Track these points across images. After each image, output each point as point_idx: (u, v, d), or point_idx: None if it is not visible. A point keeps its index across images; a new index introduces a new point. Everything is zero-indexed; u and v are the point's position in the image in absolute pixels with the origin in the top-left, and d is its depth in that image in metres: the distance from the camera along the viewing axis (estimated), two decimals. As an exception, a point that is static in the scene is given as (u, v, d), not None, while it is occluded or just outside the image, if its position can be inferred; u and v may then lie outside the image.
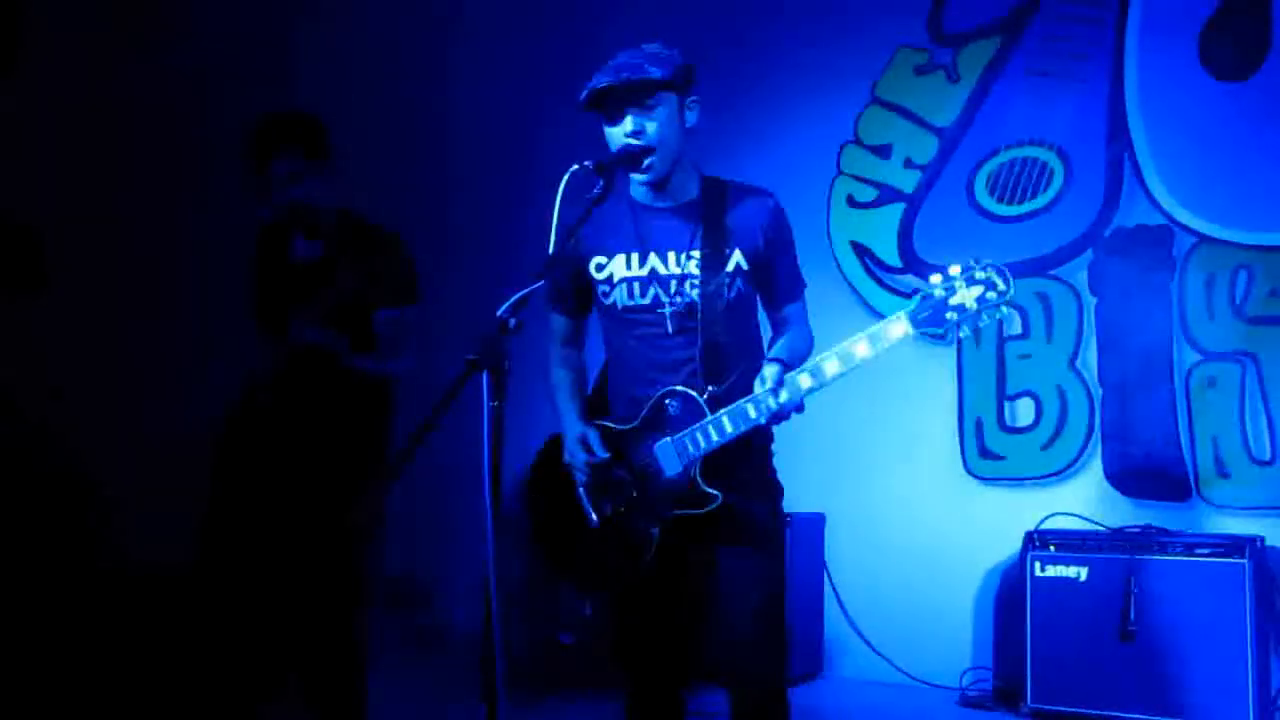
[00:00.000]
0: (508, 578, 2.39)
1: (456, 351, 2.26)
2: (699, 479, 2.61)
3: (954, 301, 2.40)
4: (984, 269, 2.40)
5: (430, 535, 5.53)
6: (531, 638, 4.89)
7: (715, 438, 2.60)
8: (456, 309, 4.30)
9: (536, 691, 4.37)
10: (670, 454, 2.64)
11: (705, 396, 2.63)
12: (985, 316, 2.42)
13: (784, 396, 2.54)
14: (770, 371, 2.55)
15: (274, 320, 3.56)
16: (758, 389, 2.56)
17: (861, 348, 2.49)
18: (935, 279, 2.43)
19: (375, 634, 4.38)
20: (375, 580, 5.02)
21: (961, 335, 2.45)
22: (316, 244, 3.55)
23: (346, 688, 3.62)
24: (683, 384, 2.66)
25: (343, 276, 3.43)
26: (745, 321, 2.76)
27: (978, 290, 2.39)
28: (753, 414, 2.56)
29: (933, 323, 2.42)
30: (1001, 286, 2.39)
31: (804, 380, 2.54)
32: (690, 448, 2.62)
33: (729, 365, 2.66)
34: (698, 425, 2.61)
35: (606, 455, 2.70)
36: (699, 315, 2.68)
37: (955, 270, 2.42)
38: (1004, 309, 2.40)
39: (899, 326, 2.45)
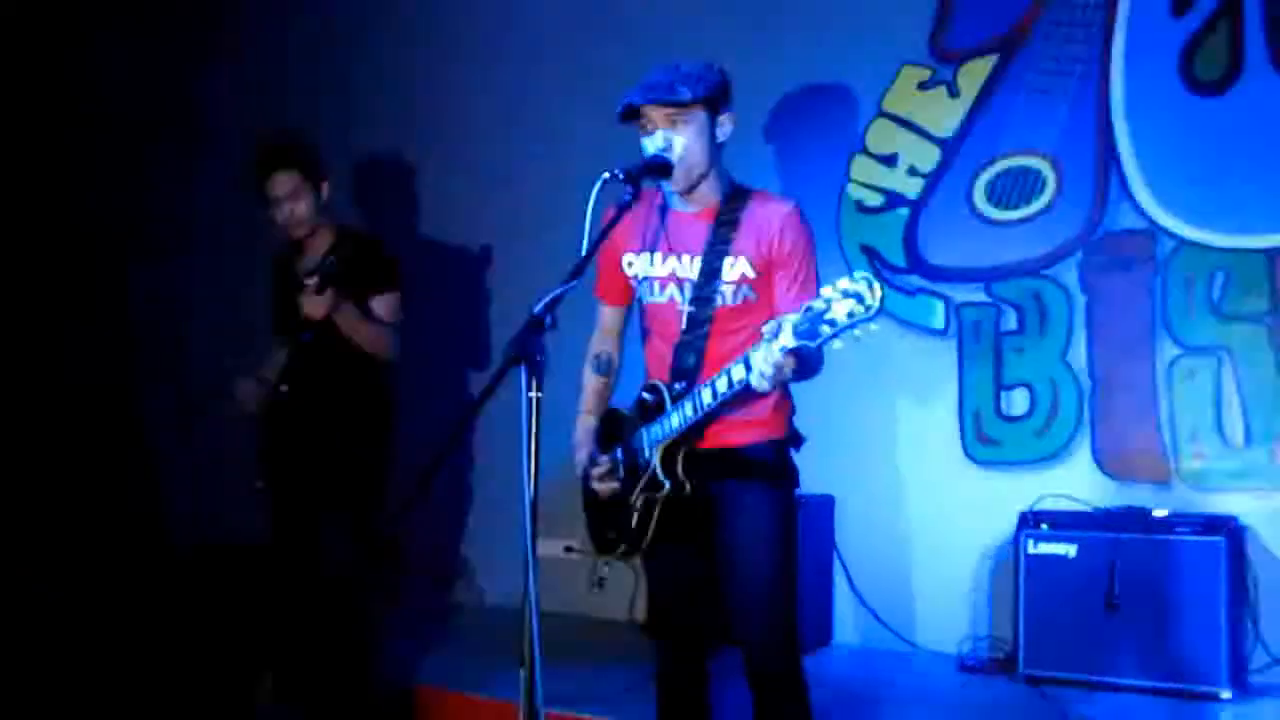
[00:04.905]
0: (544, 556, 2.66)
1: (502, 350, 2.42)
2: (657, 466, 2.75)
3: (829, 316, 2.32)
4: (856, 281, 2.31)
5: (473, 516, 5.77)
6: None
7: (670, 426, 2.72)
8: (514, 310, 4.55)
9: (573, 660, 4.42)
10: (644, 441, 2.81)
11: (672, 391, 2.76)
12: (857, 330, 2.33)
13: (721, 384, 2.57)
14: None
15: (289, 328, 3.99)
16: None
17: (758, 357, 2.47)
18: (824, 290, 2.35)
19: (418, 608, 4.64)
20: (417, 558, 5.35)
21: (835, 346, 2.35)
22: (316, 257, 3.97)
23: (346, 668, 3.89)
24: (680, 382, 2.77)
25: (341, 271, 3.85)
26: (749, 328, 2.75)
27: (849, 304, 2.30)
28: (707, 398, 2.62)
29: (809, 335, 2.34)
30: (869, 301, 2.29)
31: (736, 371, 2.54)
32: (654, 436, 2.77)
33: (699, 368, 2.76)
34: (662, 415, 2.76)
35: (607, 463, 2.90)
36: (688, 319, 2.80)
37: (842, 284, 2.33)
38: (873, 325, 2.32)
39: (784, 337, 2.38)
